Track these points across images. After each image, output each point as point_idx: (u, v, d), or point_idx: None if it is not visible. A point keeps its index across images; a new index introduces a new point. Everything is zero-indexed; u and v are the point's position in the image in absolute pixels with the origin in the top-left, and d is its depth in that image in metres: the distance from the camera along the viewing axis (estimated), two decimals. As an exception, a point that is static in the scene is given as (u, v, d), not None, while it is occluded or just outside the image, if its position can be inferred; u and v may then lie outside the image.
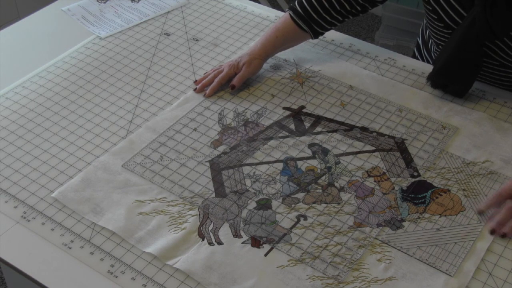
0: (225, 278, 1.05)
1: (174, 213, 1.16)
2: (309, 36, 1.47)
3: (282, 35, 1.45)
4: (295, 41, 1.49)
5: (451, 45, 1.33)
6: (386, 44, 2.88)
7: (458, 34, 1.31)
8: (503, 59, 1.34)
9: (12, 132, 1.32)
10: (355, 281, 1.05)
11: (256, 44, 1.45)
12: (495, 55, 1.34)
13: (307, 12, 1.43)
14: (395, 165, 1.26)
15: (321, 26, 1.45)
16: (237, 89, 1.42)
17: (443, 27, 1.36)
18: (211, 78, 1.42)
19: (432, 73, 1.40)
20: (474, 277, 1.06)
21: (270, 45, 1.44)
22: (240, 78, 1.42)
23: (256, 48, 1.44)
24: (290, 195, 1.19)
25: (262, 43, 1.44)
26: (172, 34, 1.61)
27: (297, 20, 1.44)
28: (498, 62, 1.36)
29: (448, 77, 1.38)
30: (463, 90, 1.40)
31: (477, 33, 1.28)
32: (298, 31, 1.45)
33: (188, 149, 1.29)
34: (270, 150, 1.28)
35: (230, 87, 1.41)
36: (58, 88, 1.44)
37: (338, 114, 1.37)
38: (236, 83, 1.41)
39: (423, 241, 1.12)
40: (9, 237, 1.13)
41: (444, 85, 1.41)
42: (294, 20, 1.44)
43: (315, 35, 1.47)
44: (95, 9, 1.70)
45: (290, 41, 1.48)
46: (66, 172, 1.24)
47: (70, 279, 1.06)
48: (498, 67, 1.37)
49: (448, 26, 1.35)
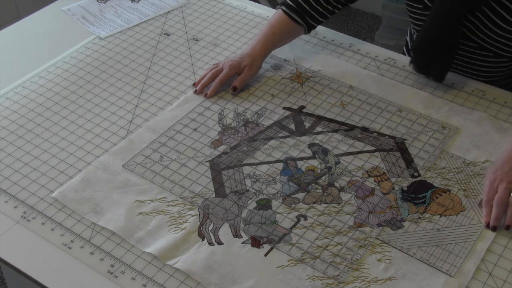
0: (225, 278, 1.05)
1: (174, 213, 1.16)
2: (303, 30, 1.49)
3: (279, 31, 1.46)
4: (290, 37, 1.50)
5: (428, 23, 1.36)
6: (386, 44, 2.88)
7: (434, 11, 1.34)
8: (480, 39, 1.36)
9: (12, 132, 1.32)
10: (355, 281, 1.05)
11: (255, 44, 1.45)
12: (472, 35, 1.36)
13: (299, 5, 1.45)
14: (395, 165, 1.25)
15: (314, 18, 1.47)
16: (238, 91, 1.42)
17: (422, 9, 1.39)
18: (210, 78, 1.42)
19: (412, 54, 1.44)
20: (474, 277, 1.06)
21: (269, 44, 1.45)
22: (243, 80, 1.42)
23: (256, 48, 1.44)
24: (290, 195, 1.19)
25: (261, 43, 1.44)
26: (172, 34, 1.61)
27: (291, 13, 1.45)
28: (476, 44, 1.38)
29: (426, 54, 1.40)
30: (443, 70, 1.41)
31: (450, 7, 1.31)
32: (293, 25, 1.46)
33: (188, 149, 1.29)
34: (270, 150, 1.28)
35: (232, 88, 1.41)
36: (58, 88, 1.44)
37: (339, 114, 1.37)
38: (239, 85, 1.41)
39: (424, 242, 1.12)
40: (9, 237, 1.13)
41: (425, 68, 1.43)
42: (288, 14, 1.45)
43: (309, 28, 1.48)
44: (95, 9, 1.70)
45: (286, 37, 1.49)
46: (66, 172, 1.24)
47: (70, 279, 1.06)
48: (475, 49, 1.40)
49: (426, 7, 1.38)
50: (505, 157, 1.19)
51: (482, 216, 1.15)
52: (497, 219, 1.13)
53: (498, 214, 1.13)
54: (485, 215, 1.15)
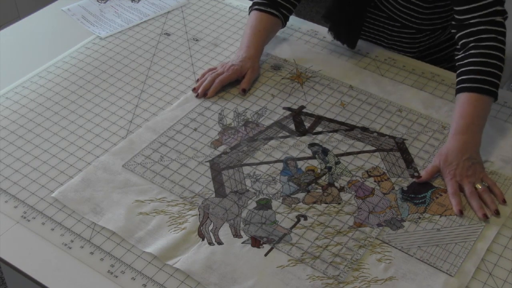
0: (225, 278, 1.05)
1: (174, 213, 1.16)
2: (280, 23, 1.52)
3: (263, 28, 1.48)
4: (272, 32, 1.53)
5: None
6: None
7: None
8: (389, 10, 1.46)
9: (12, 132, 1.32)
10: (355, 281, 1.05)
11: (247, 46, 1.46)
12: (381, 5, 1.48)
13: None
14: (395, 166, 1.25)
15: (286, 8, 1.51)
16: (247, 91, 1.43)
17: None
18: (210, 81, 1.42)
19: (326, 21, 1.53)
20: (474, 277, 1.06)
21: (260, 42, 1.48)
22: (250, 81, 1.43)
23: (250, 50, 1.45)
24: (290, 195, 1.19)
25: (254, 44, 1.46)
26: (172, 34, 1.61)
27: (266, 9, 1.49)
28: (385, 14, 1.48)
29: (335, 20, 1.52)
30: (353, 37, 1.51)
31: None
32: (271, 20, 1.50)
33: (188, 149, 1.29)
34: (270, 150, 1.28)
35: (241, 90, 1.42)
36: (58, 88, 1.44)
37: (339, 115, 1.37)
38: (247, 86, 1.42)
39: (424, 241, 1.12)
40: (9, 237, 1.12)
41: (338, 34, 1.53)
42: (263, 11, 1.49)
43: (285, 19, 1.52)
44: (95, 9, 1.70)
45: (269, 32, 1.52)
46: (66, 172, 1.24)
47: (70, 279, 1.06)
48: (384, 19, 1.50)
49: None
50: (455, 149, 1.22)
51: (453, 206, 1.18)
52: (481, 208, 1.16)
53: (477, 205, 1.17)
54: (455, 204, 1.17)
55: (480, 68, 1.25)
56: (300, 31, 1.62)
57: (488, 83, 1.24)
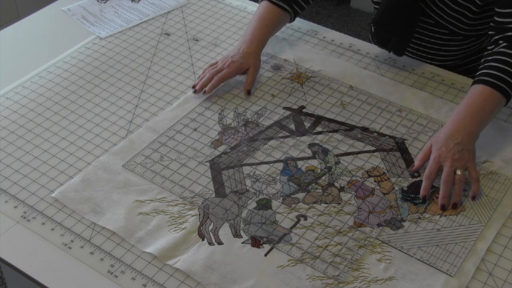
0: (225, 278, 1.05)
1: (174, 213, 1.16)
2: (289, 18, 1.51)
3: (271, 22, 1.47)
4: (279, 26, 1.52)
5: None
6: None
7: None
8: (437, 15, 1.41)
9: (12, 132, 1.32)
10: (355, 281, 1.05)
11: (250, 39, 1.44)
12: (429, 10, 1.42)
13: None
14: (395, 165, 1.26)
15: (298, 4, 1.50)
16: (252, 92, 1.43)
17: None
18: (209, 78, 1.41)
19: (373, 29, 1.49)
20: (474, 277, 1.06)
21: (264, 37, 1.46)
22: (253, 81, 1.42)
23: (253, 44, 1.43)
24: (290, 195, 1.19)
25: (257, 38, 1.44)
26: (172, 34, 1.61)
27: (279, 2, 1.47)
28: (433, 21, 1.43)
29: (385, 29, 1.45)
30: (402, 45, 1.47)
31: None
32: (281, 14, 1.48)
33: (188, 149, 1.29)
34: (270, 150, 1.28)
35: (246, 92, 1.41)
36: (58, 88, 1.44)
37: (339, 115, 1.37)
38: (251, 87, 1.42)
39: (424, 242, 1.12)
40: (9, 237, 1.13)
41: (386, 42, 1.47)
42: (275, 4, 1.47)
43: (295, 14, 1.51)
44: (95, 9, 1.70)
45: (276, 27, 1.50)
46: (66, 172, 1.24)
47: (70, 279, 1.06)
48: (432, 27, 1.44)
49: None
50: (448, 132, 1.20)
51: (421, 189, 1.18)
52: (445, 197, 1.15)
53: (445, 192, 1.15)
54: (423, 188, 1.17)
55: (503, 66, 1.22)
56: (300, 31, 1.62)
57: (506, 82, 1.22)
